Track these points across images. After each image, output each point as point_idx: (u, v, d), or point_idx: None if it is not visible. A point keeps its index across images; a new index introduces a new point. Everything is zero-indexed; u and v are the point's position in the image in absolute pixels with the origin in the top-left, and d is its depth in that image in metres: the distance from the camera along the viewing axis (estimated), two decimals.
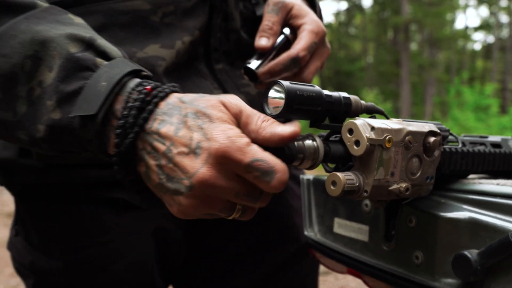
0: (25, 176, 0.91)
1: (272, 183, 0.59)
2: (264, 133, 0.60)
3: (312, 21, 0.98)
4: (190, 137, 0.59)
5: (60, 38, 0.68)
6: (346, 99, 0.67)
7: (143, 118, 0.62)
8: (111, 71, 0.65)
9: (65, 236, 0.93)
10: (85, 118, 0.64)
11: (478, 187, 0.70)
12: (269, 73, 0.94)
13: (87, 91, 0.65)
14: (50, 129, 0.66)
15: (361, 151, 0.61)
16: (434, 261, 0.70)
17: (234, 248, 1.08)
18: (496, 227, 0.64)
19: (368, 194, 0.62)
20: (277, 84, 0.61)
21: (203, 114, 0.60)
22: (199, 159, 0.58)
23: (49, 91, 0.67)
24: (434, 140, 0.66)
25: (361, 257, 0.80)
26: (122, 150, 0.62)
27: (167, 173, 0.60)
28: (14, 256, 1.01)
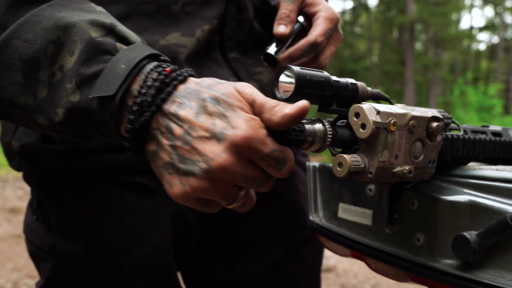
0: (48, 161, 0.93)
1: (283, 170, 0.63)
2: (276, 119, 0.62)
3: (326, 8, 1.03)
4: (213, 123, 0.61)
5: (82, 24, 0.71)
6: (353, 85, 0.69)
7: (162, 98, 0.64)
8: (131, 54, 0.67)
9: (86, 219, 0.94)
10: (103, 99, 0.66)
11: (478, 172, 0.73)
12: (289, 58, 0.98)
13: (106, 73, 0.67)
14: (68, 112, 0.68)
15: (367, 133, 0.64)
16: (435, 242, 0.72)
17: (245, 233, 1.10)
18: (494, 209, 0.67)
19: (373, 176, 0.65)
20: (288, 69, 0.64)
21: (223, 102, 0.62)
22: (221, 145, 0.60)
23: (70, 74, 0.69)
24: (437, 125, 0.69)
25: (365, 240, 0.83)
26: (136, 127, 0.64)
27: (181, 153, 0.62)
28: (31, 240, 1.02)
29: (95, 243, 0.94)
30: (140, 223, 0.95)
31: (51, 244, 0.96)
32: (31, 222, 1.02)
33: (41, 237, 0.99)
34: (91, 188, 0.94)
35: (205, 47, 0.96)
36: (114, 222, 0.94)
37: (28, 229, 1.03)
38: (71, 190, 0.95)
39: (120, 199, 0.94)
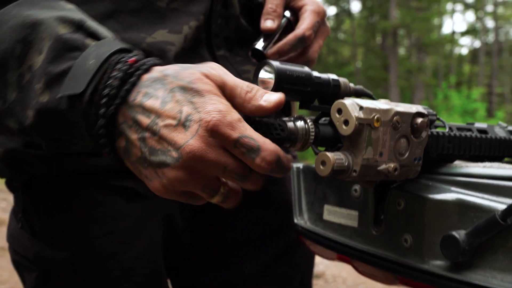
0: (34, 166, 0.90)
1: (256, 160, 0.59)
2: (250, 107, 0.61)
3: (312, 1, 1.02)
4: (179, 110, 0.59)
5: (50, 21, 0.68)
6: (335, 81, 0.67)
7: (126, 90, 0.61)
8: (100, 49, 0.65)
9: (73, 225, 0.91)
10: (73, 98, 0.63)
11: (465, 170, 0.71)
12: (278, 53, 0.97)
13: (75, 70, 0.64)
14: (38, 113, 0.65)
15: (350, 130, 0.61)
16: (423, 243, 0.70)
17: (236, 235, 1.08)
18: (483, 207, 0.65)
19: (357, 174, 0.63)
20: (267, 64, 0.62)
21: (190, 89, 0.60)
22: (188, 131, 0.58)
23: (38, 74, 0.66)
24: (422, 121, 0.67)
25: (351, 243, 0.81)
26: (101, 123, 0.61)
27: (150, 145, 0.60)
28: (14, 249, 0.99)
29: (82, 250, 0.91)
30: (128, 228, 0.92)
31: (36, 252, 0.93)
32: (14, 230, 0.99)
33: (26, 245, 0.95)
34: (78, 193, 0.91)
35: (192, 44, 0.94)
36: (102, 227, 0.91)
37: (12, 238, 1.00)
38: (57, 196, 0.92)
39: (108, 204, 0.91)
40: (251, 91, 0.61)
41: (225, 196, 0.64)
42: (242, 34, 1.04)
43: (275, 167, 0.60)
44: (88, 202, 0.91)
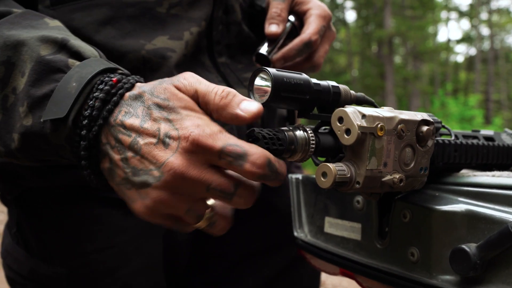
0: (28, 179, 0.87)
1: (245, 166, 0.55)
2: (225, 114, 0.58)
3: (317, 5, 1.00)
4: (158, 128, 0.57)
5: (31, 41, 0.66)
6: (335, 88, 0.64)
7: (108, 110, 0.59)
8: (83, 71, 0.62)
9: (68, 241, 0.89)
10: (56, 122, 0.61)
11: (473, 179, 0.68)
12: (283, 58, 0.95)
13: (57, 93, 0.62)
14: (23, 137, 0.63)
15: (352, 139, 0.58)
16: (430, 257, 0.66)
17: (238, 250, 1.05)
18: (494, 218, 0.61)
19: (360, 186, 0.59)
20: (263, 71, 0.59)
21: (165, 106, 0.58)
22: (168, 149, 0.56)
23: (21, 97, 0.64)
24: (427, 129, 0.63)
25: (354, 257, 0.77)
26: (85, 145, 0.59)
27: (133, 165, 0.57)
28: (8, 264, 0.96)
29: (79, 266, 0.88)
30: (127, 242, 0.90)
31: (31, 269, 0.91)
32: (9, 246, 0.96)
33: (20, 261, 0.93)
34: (74, 206, 0.89)
35: (194, 51, 0.92)
36: (99, 242, 0.88)
37: (6, 253, 0.98)
38: (52, 210, 0.89)
39: (105, 218, 0.89)
40: (226, 97, 0.58)
41: (211, 222, 0.61)
42: (244, 41, 1.02)
43: (267, 171, 0.56)
44: (84, 216, 0.88)
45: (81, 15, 0.83)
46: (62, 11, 0.82)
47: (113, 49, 0.83)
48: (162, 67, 0.85)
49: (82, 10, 0.83)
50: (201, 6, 0.92)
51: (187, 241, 1.00)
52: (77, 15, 0.82)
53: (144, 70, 0.85)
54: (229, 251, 1.05)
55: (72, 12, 0.82)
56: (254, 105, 0.57)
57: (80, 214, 0.89)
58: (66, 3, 0.82)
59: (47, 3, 0.82)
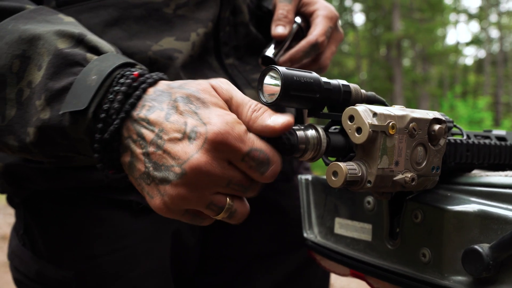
0: (35, 181, 0.87)
1: (267, 173, 0.57)
2: (256, 126, 0.57)
3: (324, 6, 0.99)
4: (184, 122, 0.56)
5: (48, 35, 0.66)
6: (346, 87, 0.63)
7: (130, 104, 0.58)
8: (102, 64, 0.62)
9: (76, 243, 0.88)
10: (75, 114, 0.61)
11: (486, 179, 0.67)
12: (290, 60, 0.94)
13: (76, 86, 0.61)
14: (39, 130, 0.63)
15: (363, 138, 0.57)
16: (442, 258, 0.66)
17: (247, 253, 1.04)
18: (508, 218, 0.60)
19: (371, 185, 0.59)
20: (273, 70, 0.58)
21: (195, 99, 0.57)
22: (193, 145, 0.55)
23: (38, 90, 0.64)
24: (440, 127, 0.62)
25: (365, 258, 0.76)
26: (106, 138, 0.58)
27: (154, 160, 0.57)
28: (16, 266, 0.96)
29: (87, 269, 0.88)
30: (135, 245, 0.89)
31: (39, 271, 0.90)
32: (16, 248, 0.96)
33: (27, 263, 0.92)
34: (82, 209, 0.88)
35: (201, 52, 0.91)
36: (108, 245, 0.88)
37: (13, 255, 0.97)
38: (60, 212, 0.89)
39: (113, 220, 0.88)
40: (258, 110, 0.58)
41: (231, 212, 0.60)
42: (251, 42, 1.01)
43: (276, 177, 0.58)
44: (92, 219, 0.88)
45: (88, 16, 0.82)
46: (68, 12, 0.82)
47: (120, 50, 0.83)
48: (169, 68, 0.85)
49: (88, 11, 0.83)
50: (208, 7, 0.92)
51: (195, 244, 0.99)
52: (83, 16, 0.82)
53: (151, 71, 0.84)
54: (238, 254, 1.04)
55: (79, 13, 0.82)
56: (284, 117, 0.57)
57: (88, 217, 0.88)
58: (72, 4, 0.82)
59: (53, 4, 0.82)
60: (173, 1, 0.88)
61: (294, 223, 1.04)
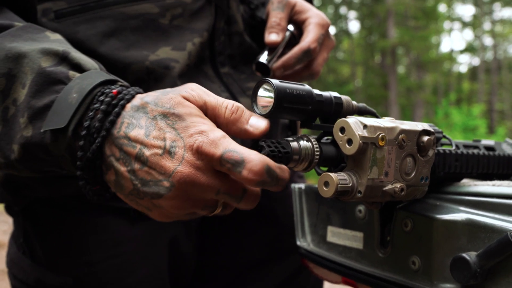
0: (34, 189, 0.88)
1: (243, 173, 0.57)
2: (234, 129, 0.60)
3: (316, 14, 1.01)
4: (163, 137, 0.58)
5: (33, 53, 0.67)
6: (337, 99, 0.65)
7: (110, 121, 0.60)
8: (83, 82, 0.64)
9: (75, 250, 0.89)
10: (56, 132, 0.62)
11: (474, 189, 0.69)
12: (283, 67, 0.96)
13: (58, 104, 0.63)
14: (23, 148, 0.64)
15: (353, 149, 0.59)
16: (431, 265, 0.67)
17: (243, 260, 1.06)
18: (494, 227, 0.62)
19: (362, 195, 0.60)
20: (266, 82, 0.60)
21: (171, 114, 0.59)
22: (175, 158, 0.57)
23: (22, 108, 0.65)
24: (428, 139, 0.64)
25: (356, 265, 0.78)
26: (88, 156, 0.60)
27: (141, 177, 0.58)
28: (14, 274, 0.97)
29: (85, 275, 0.89)
30: (132, 251, 0.90)
31: (37, 278, 0.91)
32: (14, 255, 0.97)
33: (26, 270, 0.93)
34: (79, 216, 0.90)
35: (196, 61, 0.93)
36: (105, 251, 0.89)
37: (12, 263, 0.98)
38: (58, 219, 0.90)
39: (110, 227, 0.89)
40: (236, 112, 0.60)
41: (223, 206, 0.63)
42: (246, 51, 1.03)
43: (266, 178, 0.58)
44: (89, 226, 0.89)
45: (85, 27, 0.84)
46: (66, 23, 0.83)
47: (117, 61, 0.84)
48: (166, 78, 0.86)
49: (86, 23, 0.84)
50: (203, 17, 0.93)
51: (192, 251, 1.00)
52: (81, 27, 0.84)
53: (148, 80, 0.86)
54: (234, 261, 1.06)
55: (77, 24, 0.84)
56: (262, 121, 0.59)
57: (86, 224, 0.89)
58: (70, 15, 0.84)
59: (52, 16, 0.83)
60: (169, 12, 0.89)
61: (288, 231, 1.06)
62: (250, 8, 1.07)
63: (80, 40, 0.83)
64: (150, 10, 0.87)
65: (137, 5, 0.87)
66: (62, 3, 0.83)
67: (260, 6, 1.08)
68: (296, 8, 1.02)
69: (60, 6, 0.83)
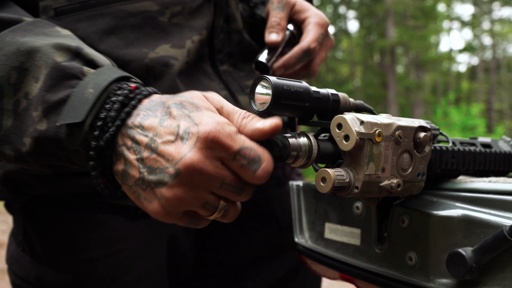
0: (35, 187, 0.88)
1: (258, 172, 0.58)
2: (246, 131, 0.60)
3: (315, 14, 1.02)
4: (177, 125, 0.58)
5: (46, 48, 0.68)
6: (335, 95, 0.66)
7: (126, 112, 0.61)
8: (98, 78, 0.64)
9: (75, 247, 0.90)
10: (72, 126, 0.62)
11: (470, 185, 0.70)
12: (284, 66, 0.97)
13: (73, 99, 0.63)
14: (36, 141, 0.65)
15: (350, 145, 0.60)
16: (428, 261, 0.68)
17: (241, 257, 1.06)
18: (490, 222, 0.63)
19: (359, 190, 0.61)
20: (264, 79, 0.60)
21: (188, 103, 0.59)
22: (186, 144, 0.57)
23: (35, 101, 0.65)
24: (425, 135, 0.65)
25: (354, 261, 0.78)
26: (101, 145, 0.60)
27: (149, 165, 0.58)
28: (14, 271, 0.98)
29: (85, 272, 0.89)
30: (131, 248, 0.91)
31: (37, 275, 0.92)
32: (14, 252, 0.98)
33: (26, 267, 0.94)
34: (79, 213, 0.90)
35: (196, 59, 0.94)
36: (104, 248, 0.90)
37: (12, 260, 0.99)
38: (57, 217, 0.91)
39: (110, 224, 0.90)
40: (247, 117, 0.61)
41: (225, 211, 0.62)
42: (245, 49, 1.04)
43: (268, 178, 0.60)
44: (90, 223, 0.90)
45: (85, 25, 0.84)
46: (66, 21, 0.84)
47: (117, 58, 0.84)
48: (165, 75, 0.87)
49: (86, 20, 0.84)
50: (202, 15, 0.94)
51: (190, 248, 1.01)
52: (81, 25, 0.84)
53: (148, 78, 0.86)
54: (232, 259, 1.06)
55: (76, 22, 0.84)
56: (272, 120, 0.60)
57: (85, 221, 0.90)
58: (70, 13, 0.84)
59: (51, 14, 0.83)
60: (168, 10, 0.90)
61: (286, 228, 1.06)
62: (249, 6, 1.08)
63: (80, 37, 0.83)
64: (149, 8, 0.88)
65: (137, 2, 0.87)
66: (62, 0, 0.84)
67: (259, 4, 1.09)
68: (295, 7, 1.02)
69: (60, 4, 0.83)
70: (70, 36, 0.73)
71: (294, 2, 1.02)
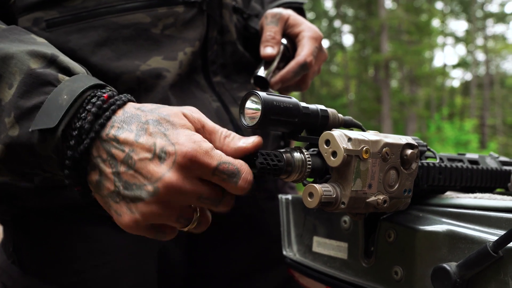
0: (25, 199, 0.88)
1: (239, 183, 0.60)
2: (229, 150, 0.61)
3: (309, 27, 1.03)
4: (153, 142, 0.59)
5: (21, 55, 0.68)
6: (324, 111, 0.67)
7: (100, 124, 0.61)
8: (73, 85, 0.65)
9: (63, 259, 0.90)
10: (45, 132, 0.63)
11: (456, 201, 0.71)
12: (281, 81, 0.99)
13: (47, 105, 0.64)
14: (8, 148, 0.65)
15: (338, 162, 0.61)
16: (413, 275, 0.69)
17: (232, 270, 1.07)
18: (474, 238, 0.64)
19: (345, 206, 0.62)
20: (254, 95, 0.62)
21: (165, 121, 0.60)
22: (164, 164, 0.58)
23: (8, 108, 0.65)
24: (411, 152, 0.66)
25: (341, 275, 0.79)
26: (75, 156, 0.61)
27: (125, 179, 0.59)
28: (3, 282, 0.97)
29: (73, 284, 0.89)
30: (119, 260, 0.91)
31: (26, 287, 0.92)
32: (4, 264, 0.97)
33: (15, 279, 0.94)
34: (68, 225, 0.90)
35: (188, 70, 0.94)
36: (92, 260, 0.89)
37: (1, 271, 0.98)
38: (46, 228, 0.91)
39: (98, 236, 0.90)
40: (229, 136, 0.62)
41: (198, 223, 0.64)
42: (239, 60, 1.04)
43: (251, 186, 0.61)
44: (77, 235, 0.90)
45: (77, 37, 0.85)
46: (58, 33, 0.84)
47: (109, 71, 0.85)
48: (157, 87, 0.87)
49: (78, 32, 0.85)
50: (195, 27, 0.95)
51: (181, 261, 1.01)
52: (73, 37, 0.85)
53: (139, 90, 0.87)
54: (224, 271, 1.07)
55: (68, 34, 0.85)
56: (253, 138, 0.62)
57: (74, 233, 0.90)
58: (62, 25, 0.85)
59: (43, 26, 0.84)
60: (160, 22, 0.90)
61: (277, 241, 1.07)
62: (243, 18, 1.09)
63: (71, 49, 0.84)
64: (142, 20, 0.88)
65: (130, 14, 0.88)
66: (53, 12, 0.84)
67: (253, 16, 1.10)
68: (289, 21, 1.04)
69: (51, 15, 0.84)
70: (46, 44, 0.74)
71: (287, 16, 1.04)
